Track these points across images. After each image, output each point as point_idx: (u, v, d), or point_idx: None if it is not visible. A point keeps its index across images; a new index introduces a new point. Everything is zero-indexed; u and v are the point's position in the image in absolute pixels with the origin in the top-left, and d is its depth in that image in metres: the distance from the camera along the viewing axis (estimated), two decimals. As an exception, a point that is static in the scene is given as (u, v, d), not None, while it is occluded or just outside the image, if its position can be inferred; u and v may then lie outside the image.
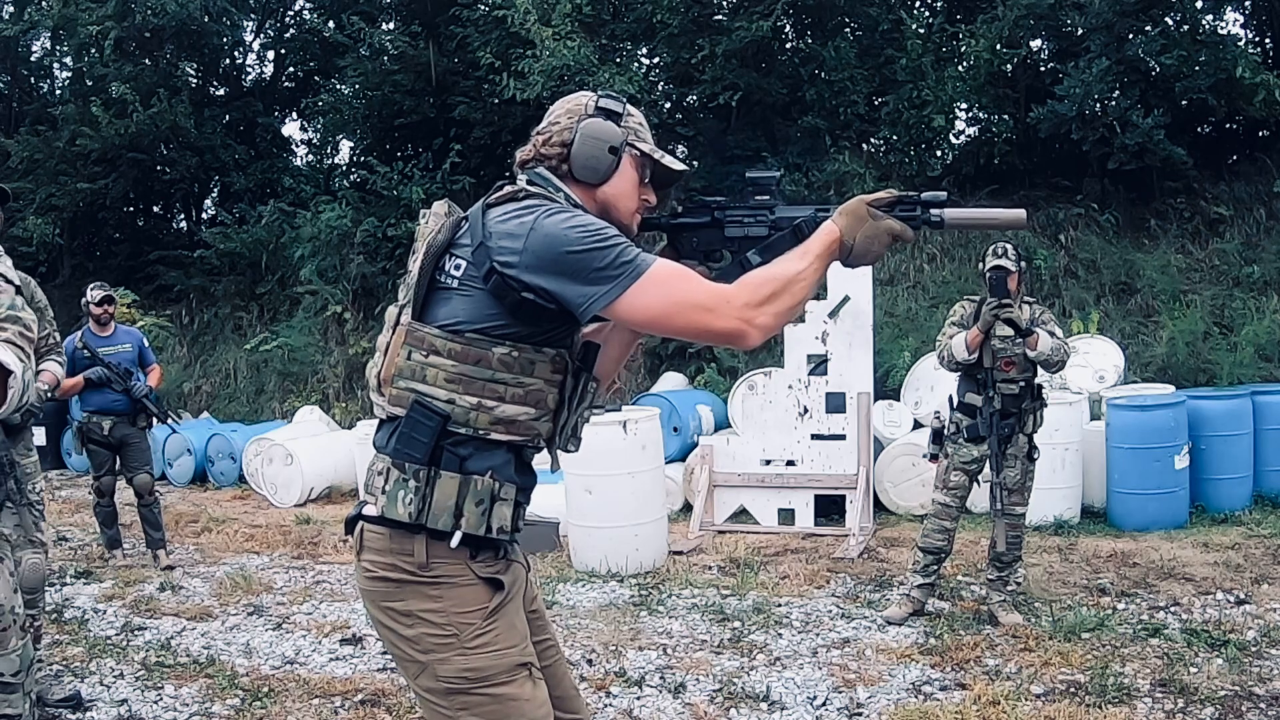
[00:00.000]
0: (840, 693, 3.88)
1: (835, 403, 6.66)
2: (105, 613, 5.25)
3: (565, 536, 6.07)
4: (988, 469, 4.58)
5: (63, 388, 5.05)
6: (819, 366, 6.73)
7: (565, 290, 1.70)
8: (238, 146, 14.13)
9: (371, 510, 1.80)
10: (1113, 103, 9.69)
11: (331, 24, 13.55)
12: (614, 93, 1.96)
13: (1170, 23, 9.85)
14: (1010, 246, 4.57)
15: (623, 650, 4.42)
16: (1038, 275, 9.34)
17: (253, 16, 15.47)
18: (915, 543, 4.79)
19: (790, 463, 6.76)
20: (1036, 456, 4.66)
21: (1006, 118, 10.74)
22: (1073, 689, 3.80)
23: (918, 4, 12.36)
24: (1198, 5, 10.05)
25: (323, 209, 11.88)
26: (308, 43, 14.78)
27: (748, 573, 5.54)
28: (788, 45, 12.07)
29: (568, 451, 1.91)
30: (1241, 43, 10.43)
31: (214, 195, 15.24)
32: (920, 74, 10.39)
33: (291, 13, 15.79)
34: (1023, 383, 4.56)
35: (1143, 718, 3.56)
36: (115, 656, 4.53)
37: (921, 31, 10.88)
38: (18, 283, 2.08)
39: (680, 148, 11.65)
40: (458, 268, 1.78)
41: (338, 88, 13.96)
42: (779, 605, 4.98)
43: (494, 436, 1.77)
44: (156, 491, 6.30)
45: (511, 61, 10.68)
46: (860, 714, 3.70)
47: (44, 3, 13.67)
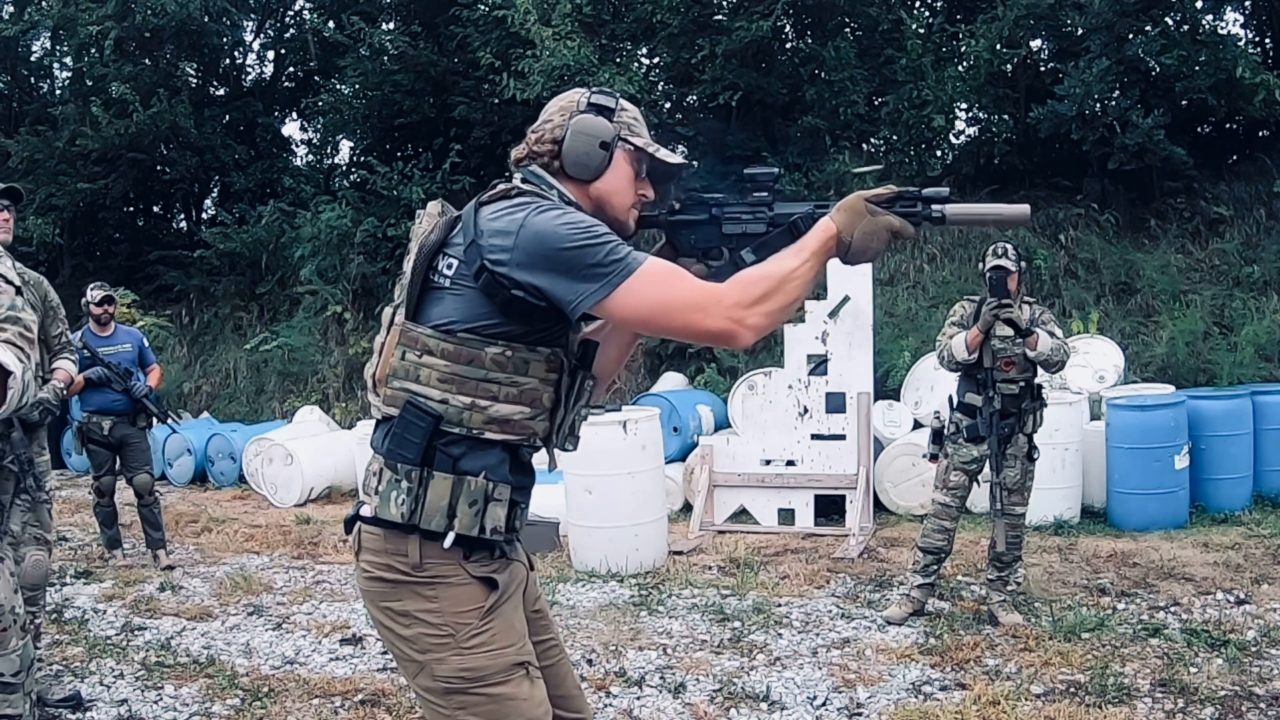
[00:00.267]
0: (840, 693, 3.88)
1: (835, 403, 6.67)
2: (105, 613, 5.25)
3: (565, 536, 6.07)
4: (988, 469, 4.58)
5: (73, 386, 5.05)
6: (819, 366, 6.73)
7: (555, 288, 1.68)
8: (238, 146, 14.13)
9: (368, 511, 1.80)
10: (1113, 103, 9.69)
11: (331, 24, 13.56)
12: (608, 88, 1.94)
13: (1170, 23, 9.85)
14: (1010, 246, 4.57)
15: (623, 650, 4.42)
16: (1038, 275, 9.34)
17: (253, 16, 15.48)
18: (915, 543, 4.79)
19: (790, 463, 6.76)
20: (1036, 456, 4.66)
21: (1006, 118, 10.74)
22: (1073, 689, 3.80)
23: (918, 4, 12.35)
24: (1198, 5, 10.04)
25: (323, 209, 11.88)
26: (308, 43, 14.77)
27: (748, 573, 5.54)
28: (788, 45, 12.07)
29: (565, 450, 1.90)
30: (1241, 43, 10.43)
31: (214, 195, 15.25)
32: (920, 74, 10.39)
33: (291, 13, 15.80)
34: (1023, 383, 4.56)
35: (1143, 718, 3.56)
36: (115, 656, 4.53)
37: (921, 31, 10.88)
38: (18, 283, 2.08)
39: (680, 148, 11.58)
40: (450, 267, 1.77)
41: (338, 88, 13.96)
42: (779, 605, 4.98)
43: (488, 436, 1.76)
44: (156, 491, 6.30)
45: (511, 61, 10.69)
46: (860, 714, 3.70)
47: (44, 3, 13.67)
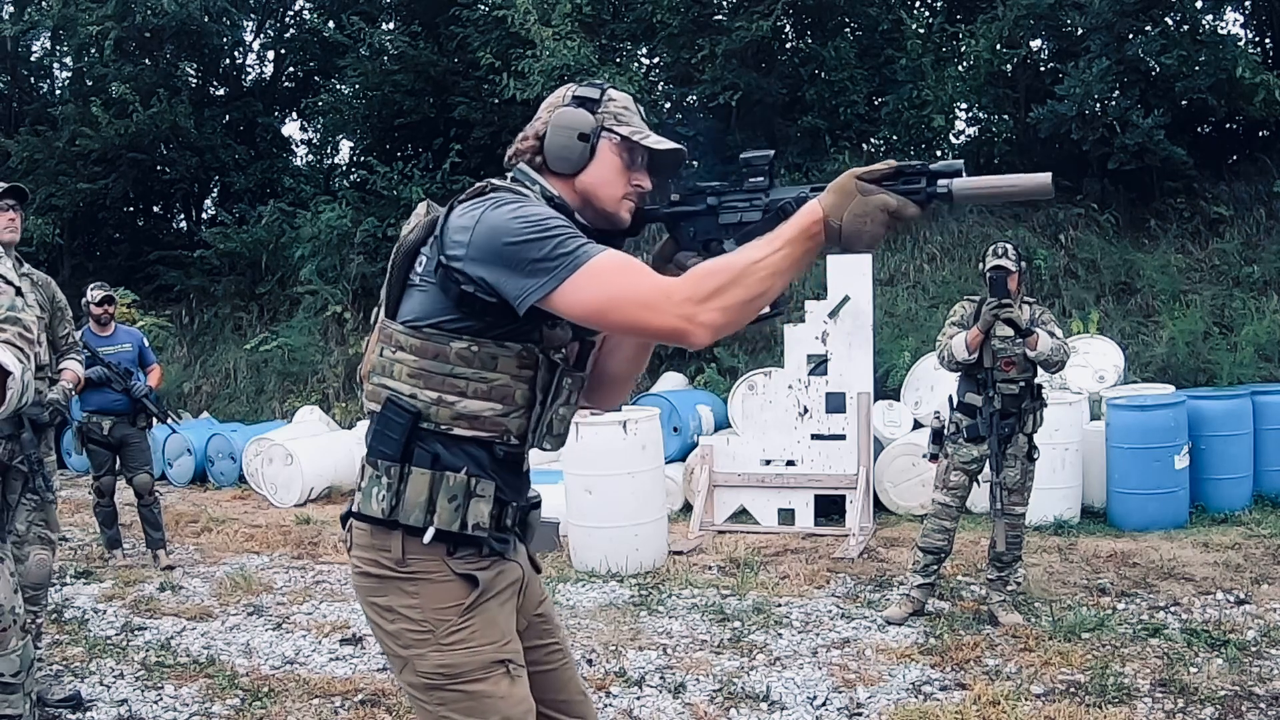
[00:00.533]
0: (840, 693, 3.88)
1: (835, 403, 6.66)
2: (105, 613, 5.25)
3: (565, 536, 6.07)
4: (988, 469, 4.58)
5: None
6: (819, 366, 6.73)
7: (503, 282, 1.64)
8: (238, 146, 14.14)
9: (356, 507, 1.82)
10: (1113, 103, 9.70)
11: (331, 24, 13.57)
12: (598, 80, 1.91)
13: (1170, 23, 9.85)
14: (1010, 246, 4.58)
15: (623, 650, 4.42)
16: (1038, 275, 9.34)
17: (253, 16, 15.49)
18: (915, 543, 4.79)
19: (790, 463, 6.76)
20: (1036, 456, 4.66)
21: (1006, 118, 10.76)
22: (1073, 689, 3.80)
23: (918, 4, 12.36)
24: (1198, 5, 10.05)
25: (323, 209, 11.89)
26: (308, 43, 14.79)
27: (748, 573, 5.54)
28: (788, 45, 12.08)
29: (544, 450, 1.86)
30: (1241, 43, 10.44)
31: (214, 195, 15.26)
32: (920, 74, 10.39)
33: (291, 13, 15.82)
34: (1023, 383, 4.56)
35: (1143, 718, 3.56)
36: (115, 656, 4.53)
37: (921, 31, 10.89)
38: (18, 284, 2.08)
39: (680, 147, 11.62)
40: (421, 264, 1.77)
41: (338, 88, 13.97)
42: (779, 605, 4.98)
43: (457, 433, 1.74)
44: (156, 491, 6.30)
45: (511, 61, 10.69)
46: (860, 714, 3.70)
47: (44, 3, 13.67)
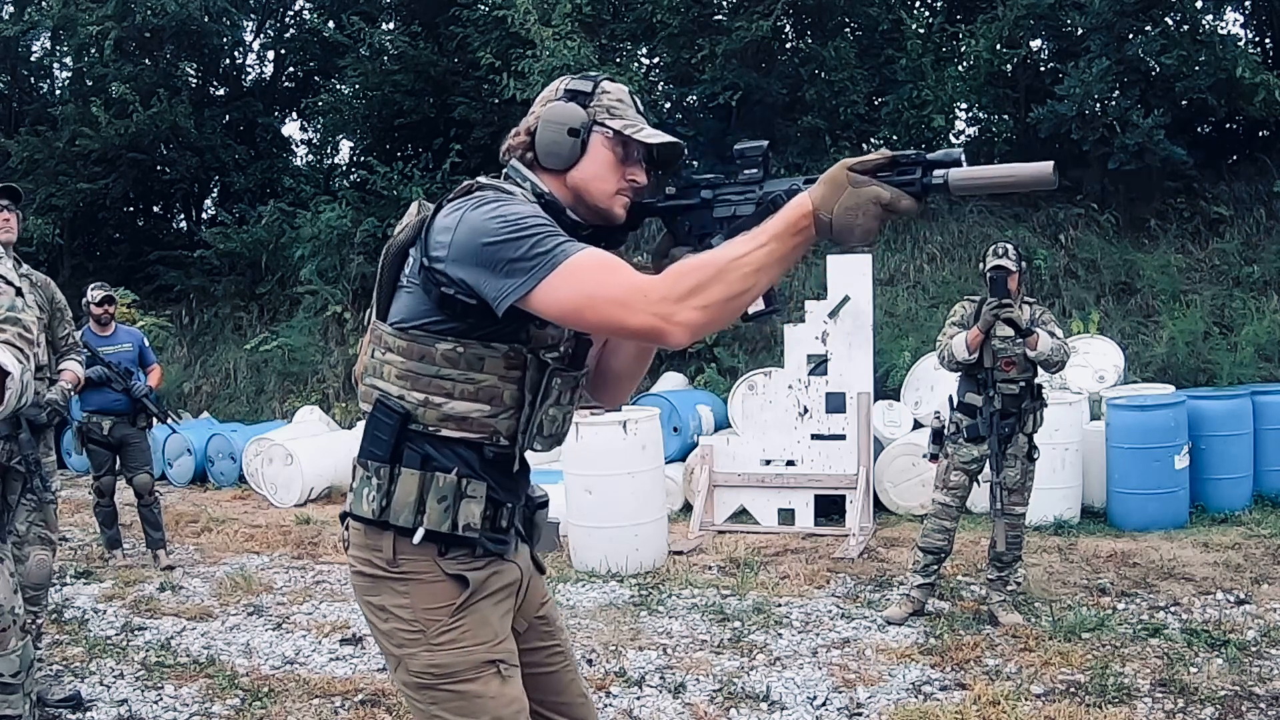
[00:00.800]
0: (840, 693, 3.88)
1: (835, 403, 6.66)
2: (105, 613, 5.25)
3: (565, 536, 6.06)
4: (988, 469, 4.58)
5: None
6: (819, 366, 6.73)
7: (482, 283, 1.62)
8: (238, 146, 14.14)
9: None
10: (1113, 103, 9.70)
11: (331, 24, 13.57)
12: (593, 73, 1.88)
13: (1170, 23, 9.86)
14: (1010, 246, 4.58)
15: (623, 650, 4.42)
16: (1038, 275, 9.34)
17: (253, 16, 15.49)
18: (915, 543, 4.79)
19: (790, 463, 6.76)
20: (1036, 456, 4.66)
21: (1006, 118, 10.75)
22: (1073, 689, 3.80)
23: (918, 4, 12.36)
24: (1198, 5, 10.05)
25: (323, 209, 11.89)
26: (308, 43, 14.79)
27: (748, 573, 5.54)
28: (788, 45, 12.08)
29: (534, 451, 1.84)
30: (1241, 43, 10.44)
31: (214, 195, 15.27)
32: (920, 74, 10.39)
33: (291, 13, 15.82)
34: (1023, 383, 4.56)
35: (1143, 718, 3.55)
36: (115, 656, 4.53)
37: (921, 31, 10.89)
38: (18, 284, 2.08)
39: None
40: (409, 265, 1.77)
41: (338, 88, 13.97)
42: (779, 605, 4.98)
43: (445, 434, 1.73)
44: (156, 491, 6.30)
45: (511, 61, 10.69)
46: (860, 714, 3.70)
47: (44, 3, 13.68)
